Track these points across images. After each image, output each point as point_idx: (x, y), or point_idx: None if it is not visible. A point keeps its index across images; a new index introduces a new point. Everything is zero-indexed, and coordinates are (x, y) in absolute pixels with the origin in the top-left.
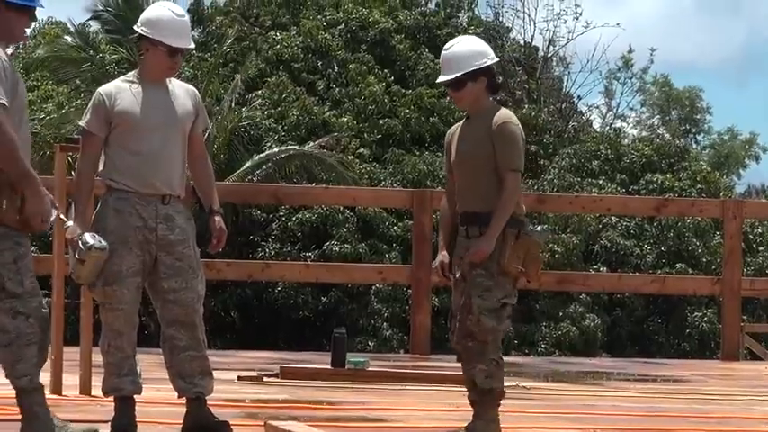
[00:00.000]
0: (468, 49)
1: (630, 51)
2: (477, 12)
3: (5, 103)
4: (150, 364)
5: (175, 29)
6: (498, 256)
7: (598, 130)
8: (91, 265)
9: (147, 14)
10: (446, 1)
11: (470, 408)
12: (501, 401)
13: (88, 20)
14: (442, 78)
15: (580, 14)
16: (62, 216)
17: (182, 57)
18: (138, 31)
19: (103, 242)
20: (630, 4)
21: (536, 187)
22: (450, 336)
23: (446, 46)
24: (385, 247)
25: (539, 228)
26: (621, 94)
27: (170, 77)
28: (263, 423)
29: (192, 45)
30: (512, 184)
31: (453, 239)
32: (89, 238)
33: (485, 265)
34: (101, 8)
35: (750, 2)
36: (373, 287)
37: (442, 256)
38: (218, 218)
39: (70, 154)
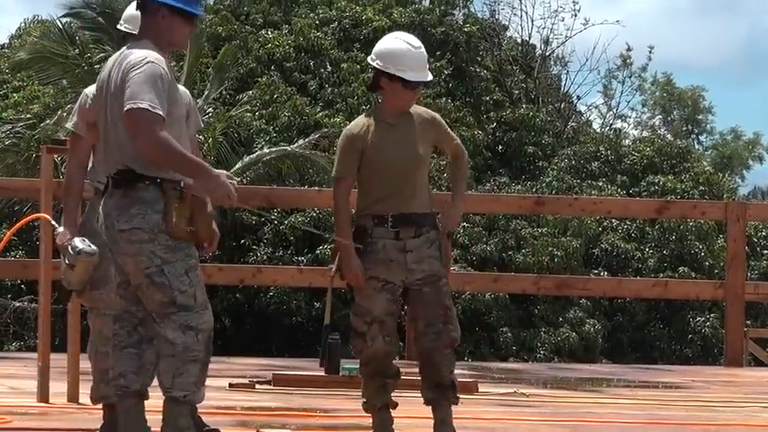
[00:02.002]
0: None
1: (629, 50)
2: (472, 9)
3: (162, 114)
4: None
5: None
6: (446, 260)
7: (598, 130)
8: (81, 270)
9: (129, 11)
10: None
11: (467, 415)
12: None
13: (63, 16)
14: (426, 78)
15: (578, 11)
16: (52, 221)
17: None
18: (122, 28)
19: (93, 246)
20: (629, 2)
21: (534, 189)
22: (380, 337)
23: (410, 41)
24: None
25: None
26: (621, 93)
27: None
28: (254, 431)
29: None
30: (467, 162)
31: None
32: (78, 242)
33: (443, 272)
34: (79, 6)
35: (751, 1)
36: None
37: (358, 261)
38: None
39: (57, 156)
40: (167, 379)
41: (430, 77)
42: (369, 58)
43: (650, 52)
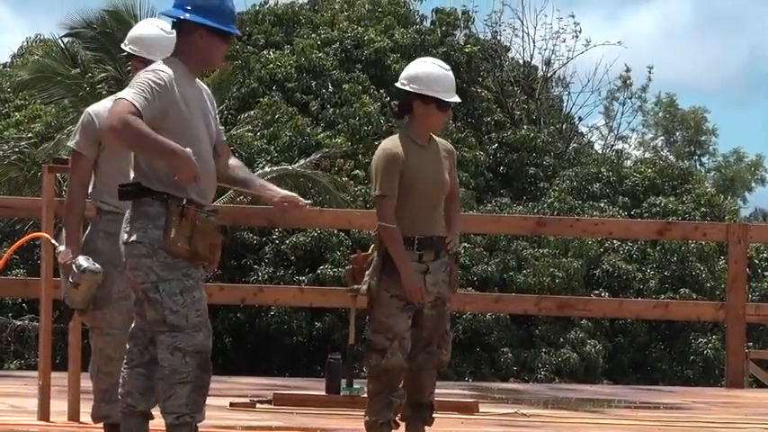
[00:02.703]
0: None
1: (628, 70)
2: (473, 30)
3: (137, 106)
4: None
5: (164, 46)
6: (454, 283)
7: (599, 151)
8: (85, 288)
9: (134, 32)
10: (442, 19)
11: None
12: None
13: (63, 36)
14: (457, 99)
15: (579, 33)
16: (52, 240)
17: None
18: (127, 49)
19: (97, 265)
20: (629, 24)
21: (535, 210)
22: (399, 353)
23: (440, 64)
24: None
25: None
26: (621, 114)
27: None
28: None
29: None
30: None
31: None
32: (83, 261)
33: (449, 297)
34: (79, 26)
35: (751, 20)
36: None
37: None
38: None
39: (59, 174)
40: (161, 401)
41: (459, 99)
42: (399, 84)
43: (650, 72)
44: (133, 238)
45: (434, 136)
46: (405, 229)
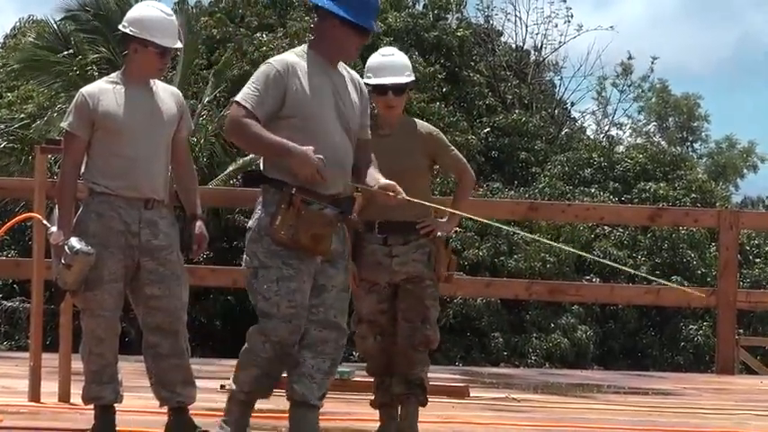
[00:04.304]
0: (407, 61)
1: (630, 58)
2: (466, 14)
3: (247, 105)
4: (131, 371)
5: (165, 28)
6: (437, 265)
7: (592, 137)
8: (77, 270)
9: (134, 14)
10: (434, 2)
11: (458, 420)
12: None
13: (61, 20)
14: (394, 80)
15: (571, 17)
16: (44, 221)
17: (169, 56)
18: (126, 31)
19: (90, 247)
20: (620, 9)
21: (527, 195)
22: (371, 337)
23: (381, 52)
24: None
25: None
26: (618, 101)
27: (158, 78)
28: None
29: (181, 44)
30: (473, 179)
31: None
32: (76, 242)
33: (429, 275)
34: (75, 9)
35: (742, 6)
36: None
37: (352, 264)
38: (199, 223)
39: (51, 156)
40: (236, 369)
41: (392, 80)
42: None
43: (652, 62)
44: (251, 224)
45: (421, 123)
46: (367, 214)
